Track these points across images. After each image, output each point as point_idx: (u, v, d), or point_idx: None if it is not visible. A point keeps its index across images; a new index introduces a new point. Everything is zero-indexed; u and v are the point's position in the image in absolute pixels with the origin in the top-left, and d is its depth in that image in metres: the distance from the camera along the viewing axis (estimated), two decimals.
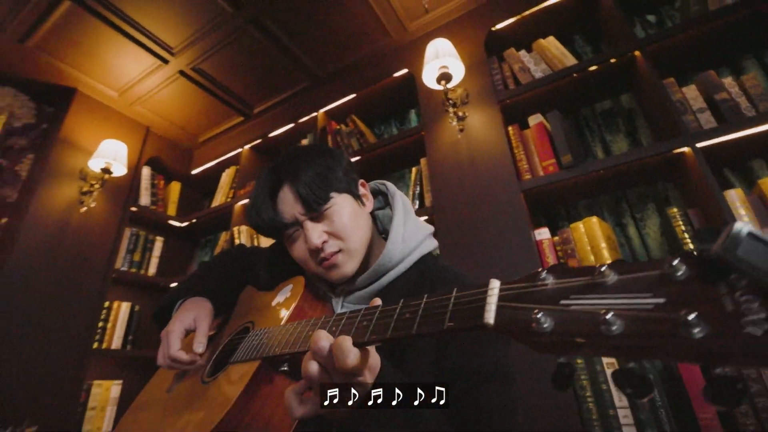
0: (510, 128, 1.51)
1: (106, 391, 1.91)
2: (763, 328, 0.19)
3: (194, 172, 2.58)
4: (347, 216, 0.67)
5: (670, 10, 1.58)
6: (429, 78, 1.54)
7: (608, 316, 0.24)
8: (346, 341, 0.41)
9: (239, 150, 2.39)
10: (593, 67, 1.42)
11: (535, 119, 1.47)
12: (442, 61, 1.46)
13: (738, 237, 0.20)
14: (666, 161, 1.27)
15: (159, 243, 2.37)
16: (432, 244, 0.75)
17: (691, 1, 1.39)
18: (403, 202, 0.75)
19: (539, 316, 0.28)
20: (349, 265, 0.66)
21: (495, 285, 0.35)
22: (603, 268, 0.28)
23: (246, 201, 2.17)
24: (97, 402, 1.87)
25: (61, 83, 2.03)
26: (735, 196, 1.13)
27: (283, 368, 0.59)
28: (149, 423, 0.71)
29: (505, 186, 1.40)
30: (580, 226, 1.32)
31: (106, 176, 1.98)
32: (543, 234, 1.36)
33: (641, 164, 1.28)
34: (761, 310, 0.19)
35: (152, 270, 2.28)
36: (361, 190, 0.74)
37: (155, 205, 2.37)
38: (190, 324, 0.73)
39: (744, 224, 0.20)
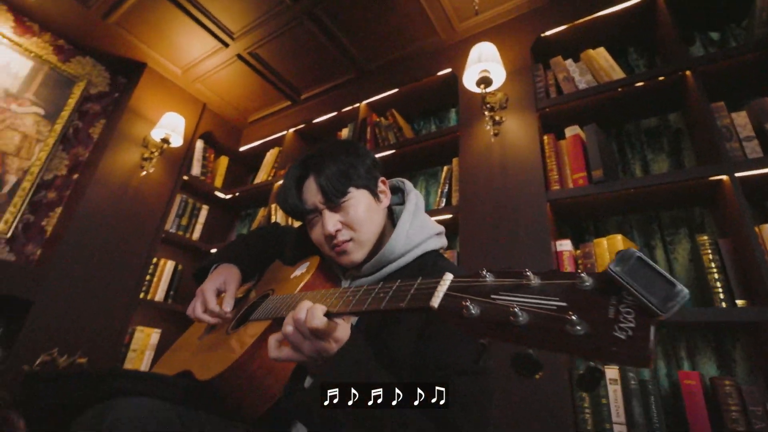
0: (545, 137, 1.52)
1: (147, 337, 2.13)
2: (627, 334, 0.24)
3: (242, 149, 2.75)
4: (362, 210, 0.74)
5: (736, 28, 1.50)
6: (469, 80, 1.56)
7: (516, 310, 0.30)
8: (318, 309, 0.51)
9: (284, 132, 2.52)
10: (640, 83, 1.39)
11: (572, 130, 1.46)
12: (483, 65, 1.48)
13: (627, 259, 0.25)
14: (704, 187, 1.24)
15: (204, 211, 2.57)
16: (437, 243, 0.80)
17: (757, 21, 1.32)
18: (416, 201, 0.82)
19: (468, 304, 0.35)
20: (357, 253, 0.74)
21: (449, 277, 0.42)
22: (529, 273, 0.34)
23: None
24: (138, 345, 2.10)
25: (135, 58, 2.24)
26: (767, 232, 1.09)
27: None
28: (181, 360, 0.83)
29: (532, 194, 1.42)
30: (603, 242, 1.31)
31: (165, 146, 2.17)
32: (564, 245, 1.37)
33: (676, 187, 1.25)
34: (631, 321, 0.25)
35: (196, 235, 2.49)
36: (380, 187, 0.81)
37: (204, 176, 2.56)
38: (221, 285, 0.85)
39: (636, 251, 0.25)
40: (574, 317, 0.26)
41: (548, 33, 1.68)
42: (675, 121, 1.52)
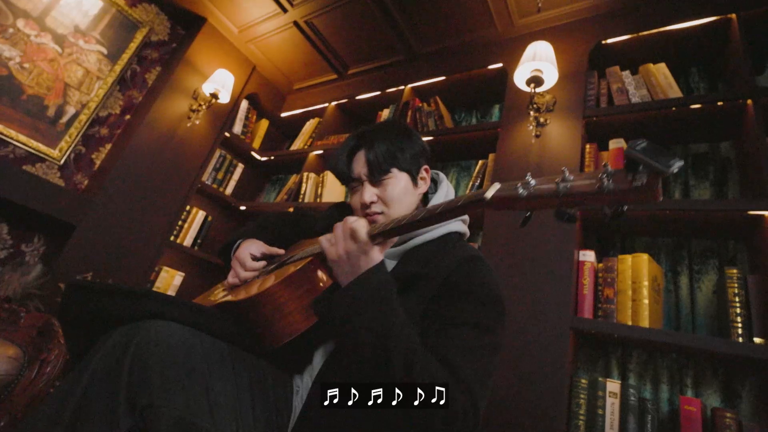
0: (588, 146, 1.50)
1: (171, 278, 2.26)
2: (643, 182, 0.38)
3: (283, 114, 2.82)
4: (398, 190, 0.82)
5: None
6: (520, 78, 1.55)
7: (559, 184, 0.45)
8: (363, 222, 0.67)
9: (326, 105, 2.56)
10: (696, 105, 1.35)
11: (616, 143, 1.44)
12: (537, 65, 1.47)
13: (639, 143, 0.38)
14: (744, 220, 1.21)
15: (239, 169, 2.67)
16: (461, 228, 0.86)
17: None
18: (447, 190, 0.90)
19: (519, 187, 0.49)
20: None
21: (496, 185, 0.53)
22: (564, 169, 0.46)
23: (320, 151, 2.36)
24: (162, 284, 2.23)
25: (196, 11, 2.31)
26: None
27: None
28: (213, 300, 0.90)
29: None
30: (628, 259, 1.30)
31: (213, 101, 2.26)
32: (588, 256, 1.36)
33: (714, 216, 1.23)
34: (645, 177, 0.38)
35: (229, 190, 2.59)
36: (422, 174, 0.89)
37: (244, 136, 2.65)
38: (255, 254, 0.89)
39: (644, 140, 0.39)
40: (605, 181, 0.40)
41: (609, 41, 1.63)
42: (725, 150, 1.48)
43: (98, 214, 1.90)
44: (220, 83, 2.24)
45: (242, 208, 2.58)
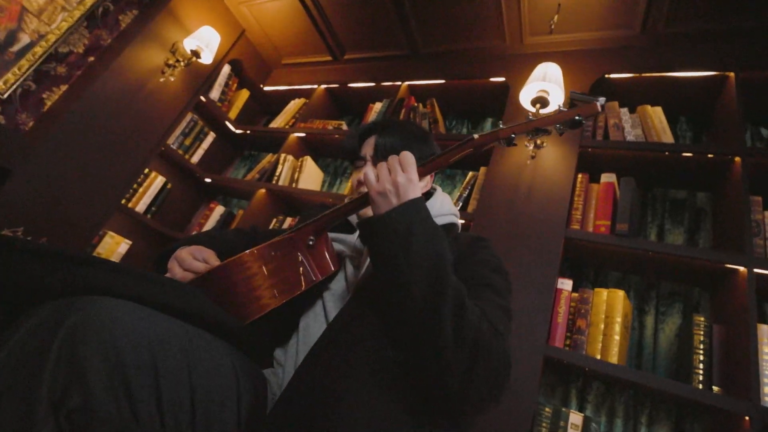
0: (580, 175, 1.50)
1: (116, 245, 2.04)
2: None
3: (266, 88, 2.64)
4: None
5: None
6: (525, 96, 1.53)
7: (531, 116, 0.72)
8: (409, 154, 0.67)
9: (315, 86, 2.43)
10: (688, 154, 1.38)
11: (608, 177, 1.45)
12: (546, 86, 1.45)
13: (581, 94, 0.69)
14: (716, 271, 1.25)
15: (210, 138, 2.47)
16: (456, 220, 0.90)
17: None
18: (441, 198, 0.93)
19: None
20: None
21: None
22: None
23: (303, 134, 2.23)
24: (104, 250, 2.01)
25: None
26: (765, 332, 1.12)
27: (310, 239, 0.72)
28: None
29: (551, 225, 1.40)
30: (604, 293, 1.32)
31: (193, 59, 2.06)
32: (565, 285, 1.37)
33: (689, 263, 1.27)
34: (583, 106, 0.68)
35: (195, 159, 2.39)
36: (426, 179, 0.91)
37: (221, 103, 2.45)
38: (197, 254, 0.75)
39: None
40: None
41: (613, 76, 1.65)
42: (701, 200, 1.54)
43: (41, 162, 1.66)
44: (204, 41, 2.04)
45: (207, 180, 2.39)
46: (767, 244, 1.20)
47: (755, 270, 1.12)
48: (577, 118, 0.66)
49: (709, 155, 1.35)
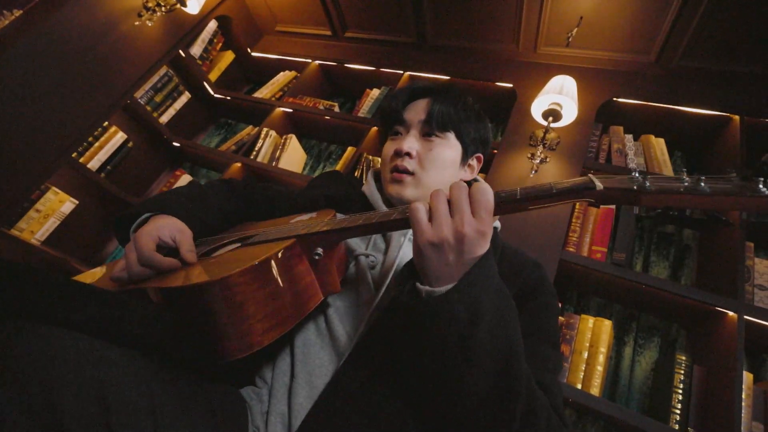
0: None
1: (60, 203, 1.79)
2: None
3: (254, 54, 2.42)
4: (443, 157, 0.71)
5: None
6: (537, 107, 1.46)
7: (702, 184, 0.39)
8: (489, 188, 0.44)
9: (309, 60, 2.25)
10: None
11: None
12: (561, 99, 1.39)
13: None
14: (702, 312, 1.25)
15: (184, 98, 2.23)
16: (498, 222, 0.81)
17: None
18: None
19: (642, 179, 0.42)
20: (410, 191, 0.69)
21: (590, 176, 0.46)
22: (685, 175, 0.41)
23: (290, 110, 2.06)
24: (44, 207, 1.75)
25: None
26: (744, 378, 1.12)
27: (317, 252, 0.54)
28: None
29: (548, 246, 1.35)
30: (590, 321, 1.28)
31: (177, 5, 1.82)
32: None
33: (674, 299, 1.25)
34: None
35: (164, 119, 2.14)
36: (473, 161, 0.79)
37: (202, 62, 2.21)
38: (167, 239, 0.59)
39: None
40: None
41: (621, 100, 1.62)
42: (688, 237, 1.55)
43: None
44: None
45: (176, 144, 2.15)
46: (755, 291, 1.21)
47: (746, 317, 1.12)
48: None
49: None
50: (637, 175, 0.42)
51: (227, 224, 0.75)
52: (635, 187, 0.40)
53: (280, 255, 0.50)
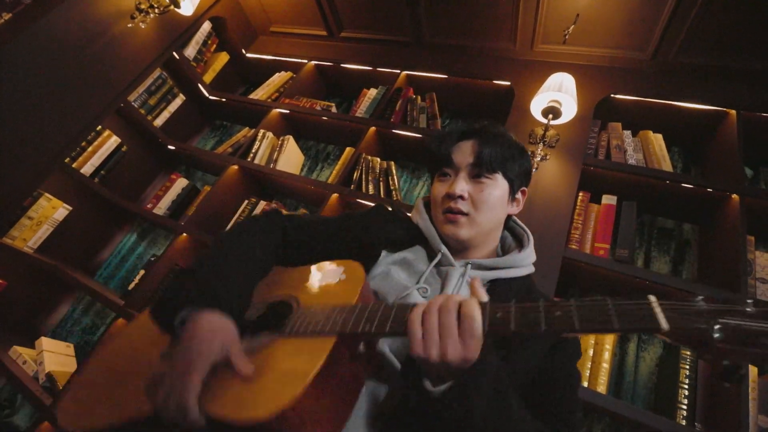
0: (581, 194, 1.46)
1: (53, 209, 1.75)
2: None
3: (249, 55, 2.40)
4: (494, 197, 0.73)
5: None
6: (537, 104, 1.46)
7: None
8: (477, 307, 0.45)
9: (304, 61, 2.23)
10: (688, 185, 1.38)
11: (609, 199, 1.42)
12: (560, 96, 1.38)
13: None
14: None
15: (179, 100, 2.20)
16: (533, 268, 0.81)
17: None
18: (532, 250, 0.82)
19: (715, 327, 0.33)
20: (464, 231, 0.72)
21: (652, 298, 0.39)
22: (749, 300, 0.34)
23: (286, 111, 2.04)
24: (37, 214, 1.72)
25: None
26: (749, 372, 1.12)
27: (360, 350, 0.54)
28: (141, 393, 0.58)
29: (550, 244, 1.35)
30: None
31: (171, 7, 1.80)
32: None
33: (666, 291, 1.24)
34: None
35: (159, 122, 2.12)
36: (519, 195, 0.81)
37: (196, 63, 2.19)
38: (218, 356, 0.52)
39: None
40: None
41: (618, 96, 1.63)
42: (688, 232, 1.55)
43: None
44: None
45: (171, 147, 2.13)
46: (757, 285, 1.21)
47: None
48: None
49: (708, 189, 1.35)
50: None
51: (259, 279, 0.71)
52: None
53: (325, 363, 0.48)
